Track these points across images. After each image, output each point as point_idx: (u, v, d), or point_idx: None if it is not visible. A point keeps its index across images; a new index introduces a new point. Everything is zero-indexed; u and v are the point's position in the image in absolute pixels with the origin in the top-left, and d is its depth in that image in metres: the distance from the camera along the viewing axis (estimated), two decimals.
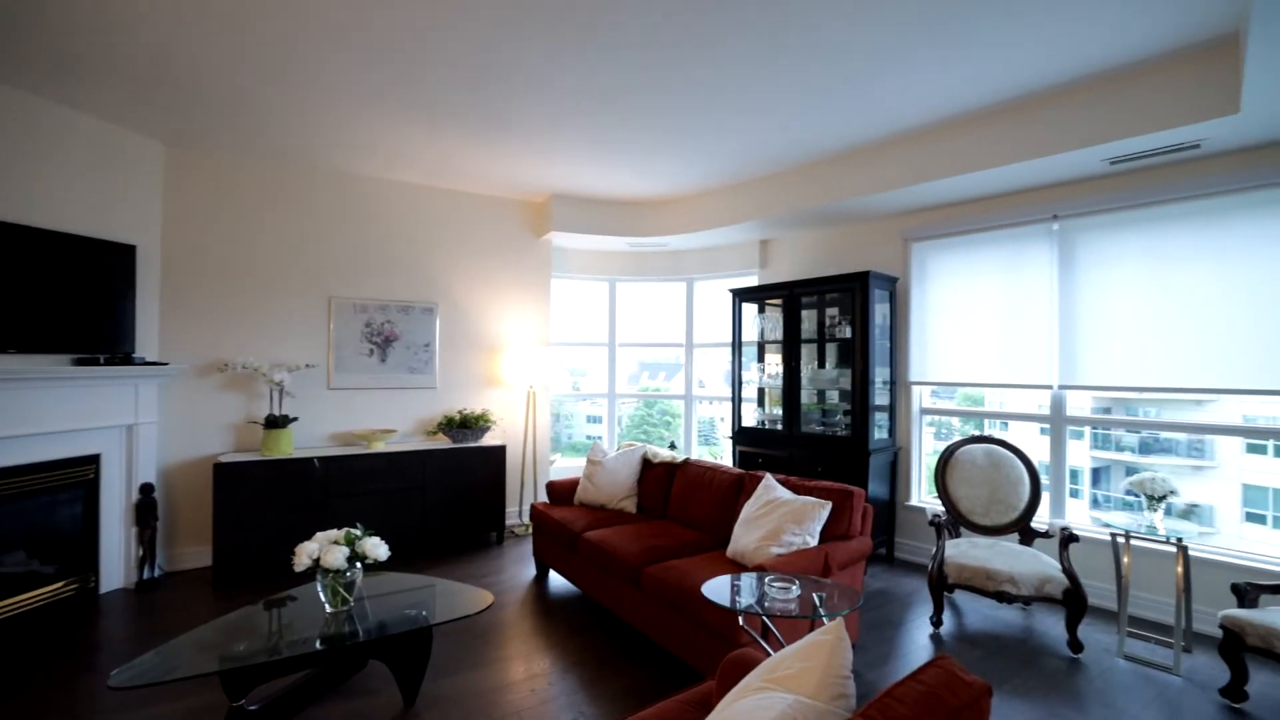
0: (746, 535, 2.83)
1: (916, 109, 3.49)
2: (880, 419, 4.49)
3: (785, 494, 2.88)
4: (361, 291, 4.77)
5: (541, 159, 4.42)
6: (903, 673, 2.82)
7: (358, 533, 2.49)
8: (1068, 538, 3.14)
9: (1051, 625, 3.36)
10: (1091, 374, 3.71)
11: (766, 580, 2.09)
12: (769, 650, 2.02)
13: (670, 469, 3.93)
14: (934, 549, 3.36)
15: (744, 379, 5.32)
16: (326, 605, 2.41)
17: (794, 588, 2.02)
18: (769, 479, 3.05)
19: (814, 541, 2.69)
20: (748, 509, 2.96)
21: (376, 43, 2.83)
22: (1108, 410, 4.90)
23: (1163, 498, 3.09)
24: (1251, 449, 5.40)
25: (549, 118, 3.67)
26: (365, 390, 4.75)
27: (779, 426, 4.80)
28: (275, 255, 4.45)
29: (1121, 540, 3.10)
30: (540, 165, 4.56)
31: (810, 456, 4.50)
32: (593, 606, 3.55)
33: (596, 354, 6.35)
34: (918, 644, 3.15)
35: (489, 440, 5.00)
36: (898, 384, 4.59)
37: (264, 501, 3.92)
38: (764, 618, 2.05)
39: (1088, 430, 4.73)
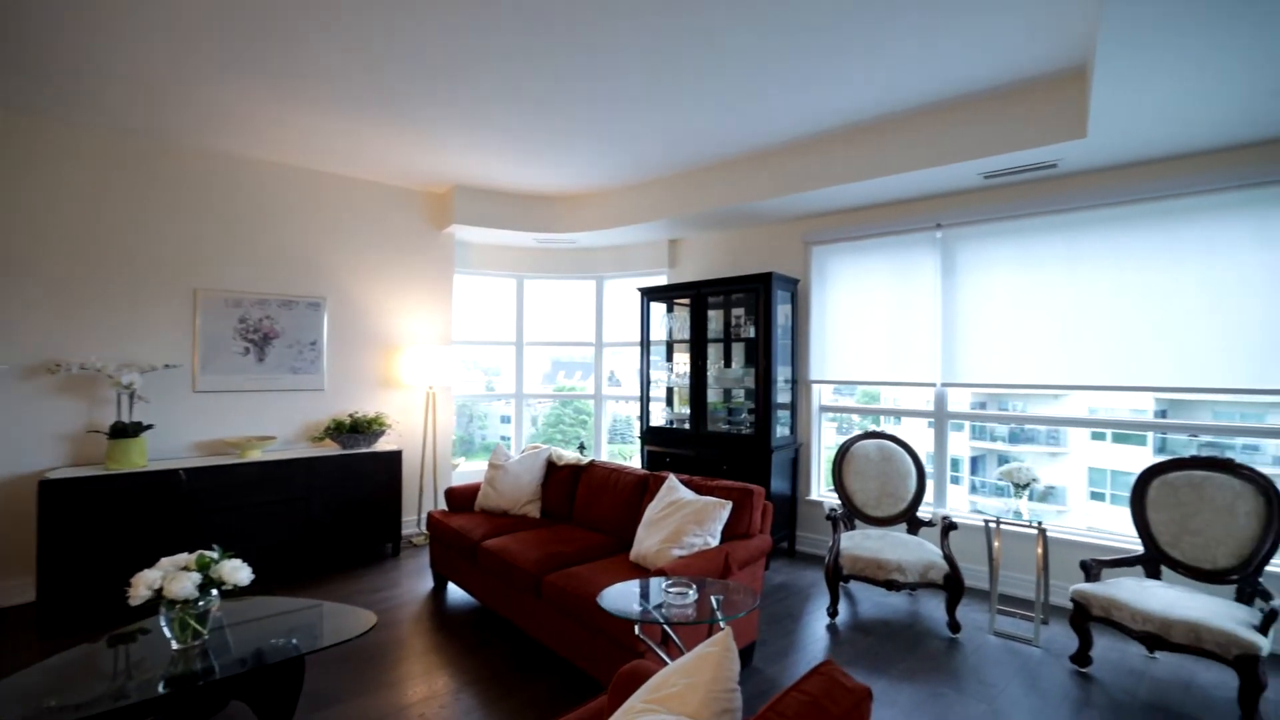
0: (648, 538, 2.79)
1: (813, 118, 3.60)
2: (783, 417, 4.62)
3: (687, 494, 2.87)
4: (235, 284, 4.30)
5: (443, 148, 4.18)
6: (801, 666, 2.90)
7: (214, 555, 2.20)
8: (948, 526, 3.36)
9: (934, 608, 3.57)
10: (969, 372, 4.00)
11: (664, 585, 2.05)
12: (666, 659, 1.98)
13: (575, 471, 3.84)
14: (832, 542, 3.48)
15: (653, 378, 5.31)
16: (173, 641, 2.11)
17: (691, 592, 1.99)
18: (672, 479, 3.03)
19: (715, 542, 2.69)
20: (650, 511, 2.93)
21: (247, 5, 2.52)
22: (984, 405, 5.39)
23: (1026, 485, 3.37)
24: (1095, 436, 6.12)
25: (451, 105, 3.46)
26: (239, 393, 4.29)
27: (687, 426, 4.83)
28: (129, 241, 3.91)
29: (993, 525, 3.35)
30: (442, 154, 4.31)
31: (716, 455, 4.55)
32: (493, 619, 3.39)
33: (508, 352, 6.13)
34: (815, 635, 3.25)
35: (384, 445, 4.67)
36: (799, 382, 4.75)
37: (109, 523, 3.42)
38: (664, 625, 2.00)
39: (967, 423, 5.15)
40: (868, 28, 2.65)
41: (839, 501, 3.92)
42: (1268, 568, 2.77)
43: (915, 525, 3.71)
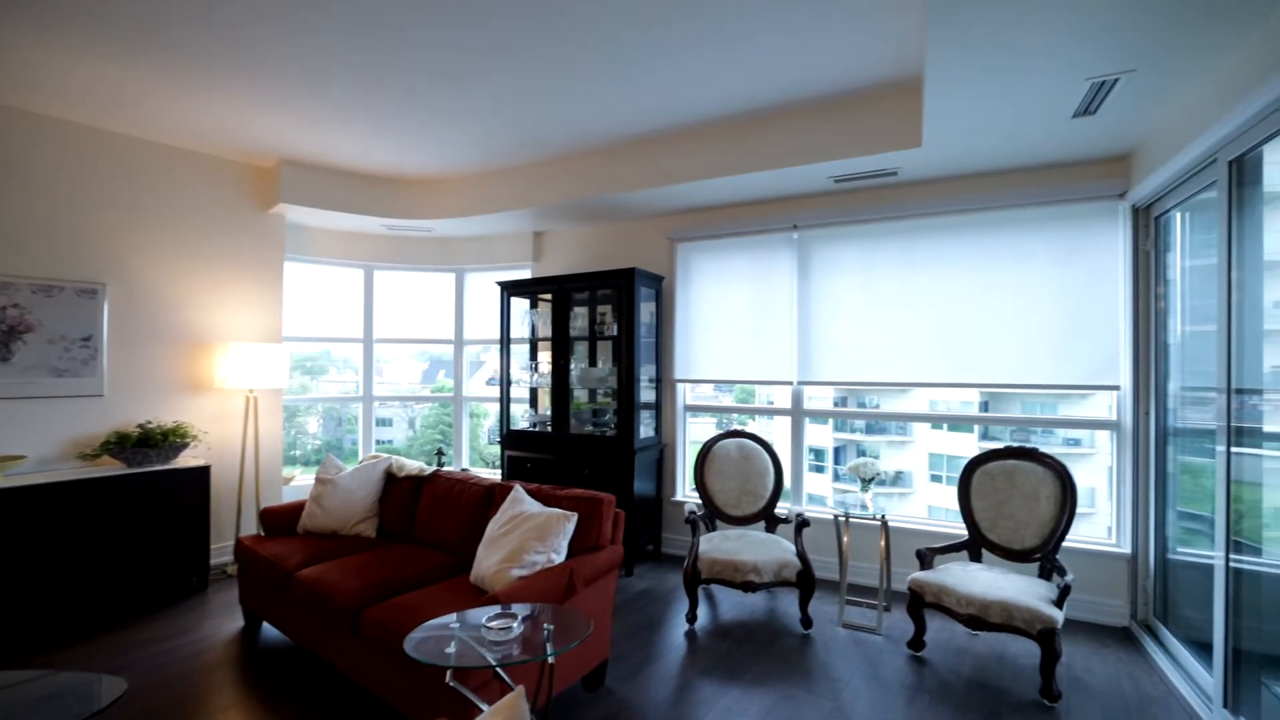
0: (488, 557, 2.51)
1: (676, 111, 3.50)
2: (648, 417, 4.52)
3: (532, 507, 2.62)
4: None
5: (269, 112, 3.58)
6: (657, 680, 2.75)
7: None
8: (801, 524, 3.40)
9: (790, 604, 3.62)
10: (823, 370, 4.12)
11: (484, 619, 1.79)
12: (482, 706, 1.72)
13: (417, 483, 3.44)
14: (691, 545, 3.40)
15: (516, 378, 5.00)
16: None
17: (515, 625, 1.75)
18: (517, 490, 2.77)
19: (560, 557, 2.47)
20: (492, 526, 2.65)
21: None
22: (846, 399, 5.73)
23: (872, 479, 3.51)
24: (934, 426, 6.80)
25: (279, 60, 2.92)
26: None
27: (550, 428, 4.57)
28: None
29: (841, 520, 3.45)
30: (267, 120, 3.70)
31: (579, 459, 4.35)
32: (311, 662, 2.92)
33: (386, 350, 5.49)
34: (673, 644, 3.14)
35: (187, 460, 3.94)
36: (664, 381, 4.67)
37: None
38: (494, 666, 1.74)
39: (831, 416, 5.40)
40: (717, 26, 2.56)
41: (700, 502, 3.87)
42: (1065, 544, 3.07)
43: (773, 523, 3.75)
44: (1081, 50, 2.25)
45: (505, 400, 4.85)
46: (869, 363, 3.98)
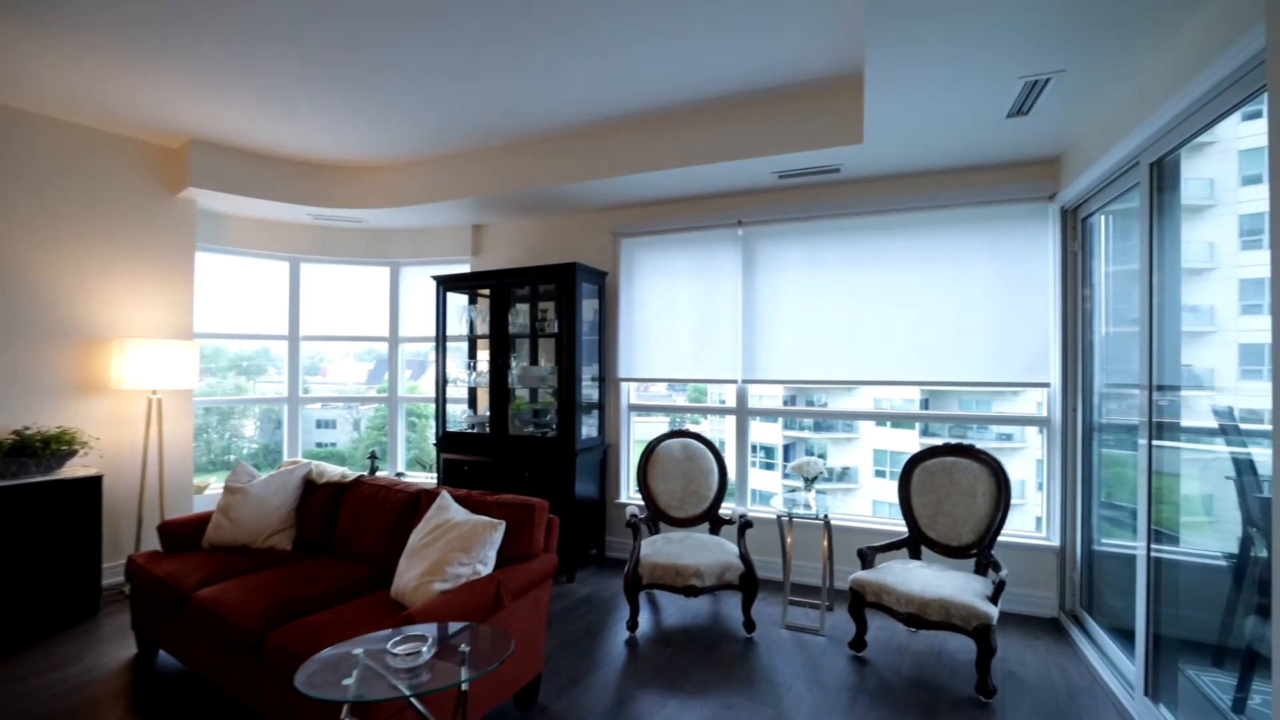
0: (409, 570, 2.32)
1: (620, 100, 3.39)
2: (590, 417, 4.39)
3: (458, 514, 2.44)
4: None
5: (177, 86, 3.26)
6: (595, 693, 2.59)
7: None
8: (744, 525, 3.34)
9: (734, 608, 3.56)
10: (768, 368, 4.08)
11: (390, 643, 1.62)
12: None
13: (338, 491, 3.19)
14: (632, 549, 3.28)
15: (453, 377, 4.77)
16: None
17: (425, 649, 1.58)
18: (444, 496, 2.58)
19: (487, 569, 2.30)
20: (415, 536, 2.45)
21: None
22: (794, 397, 5.77)
23: (815, 479, 3.48)
24: (879, 423, 6.96)
25: (187, 27, 2.63)
26: None
27: (488, 430, 4.37)
28: None
29: (785, 521, 3.41)
30: (174, 95, 3.37)
31: (520, 461, 4.17)
32: (209, 692, 2.65)
33: (328, 348, 5.12)
34: (613, 654, 3.01)
35: (74, 470, 3.55)
36: (607, 381, 4.54)
37: None
38: (409, 696, 1.57)
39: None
40: (659, 17, 2.45)
41: (643, 504, 3.76)
42: (1000, 538, 3.11)
43: (717, 524, 3.68)
44: (1016, 48, 2.25)
45: (441, 401, 4.61)
46: (813, 361, 3.96)
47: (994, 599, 2.67)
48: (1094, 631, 3.09)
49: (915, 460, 3.30)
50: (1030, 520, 3.80)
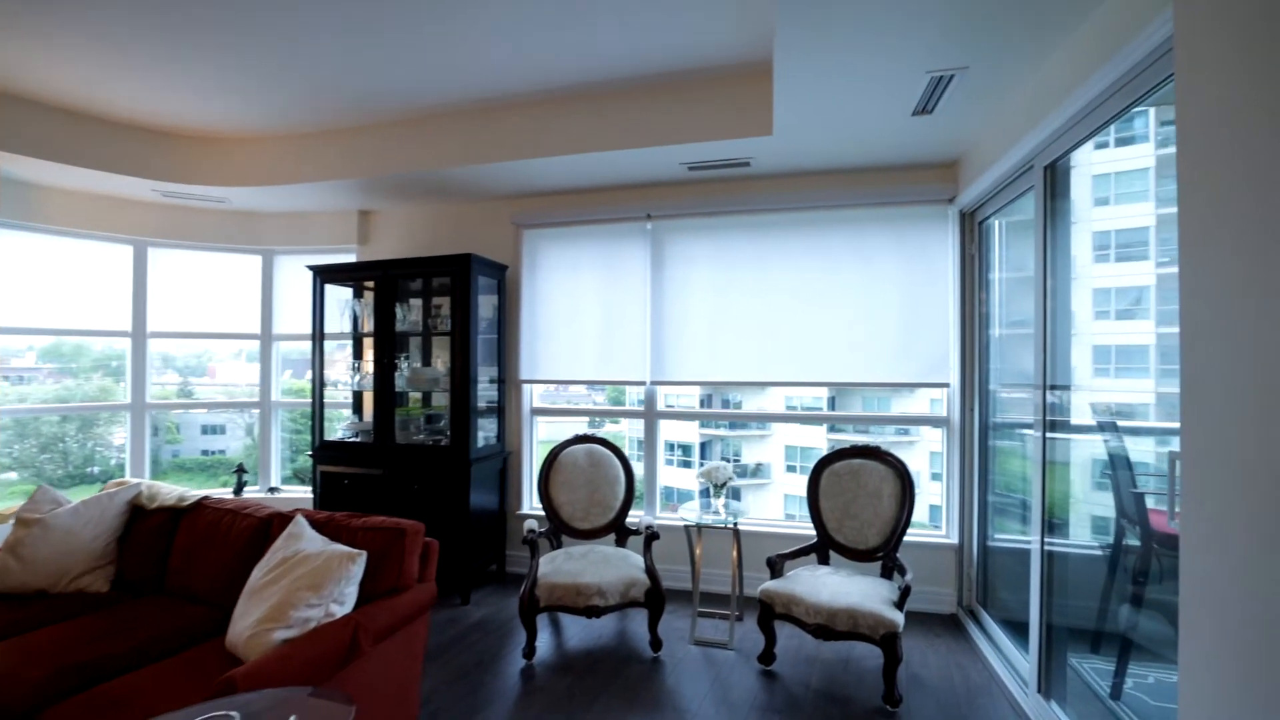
0: (245, 615, 1.92)
1: (519, 75, 3.08)
2: (489, 422, 4.04)
3: (312, 544, 2.06)
4: None
5: None
6: None
7: None
8: (650, 536, 3.14)
9: (641, 624, 3.35)
10: (677, 369, 3.91)
11: None
12: None
13: (174, 517, 2.69)
14: (529, 568, 2.99)
15: (336, 380, 4.27)
16: None
17: None
18: (298, 522, 2.19)
19: (344, 608, 1.95)
20: (257, 573, 2.05)
21: None
22: (710, 397, 5.70)
23: (724, 485, 3.34)
24: (790, 420, 7.08)
25: None
26: None
27: (373, 438, 3.92)
28: None
29: (693, 531, 3.24)
30: None
31: (408, 472, 3.76)
32: None
33: (221, 347, 4.39)
34: (507, 685, 2.72)
35: None
36: (508, 382, 4.21)
37: None
38: None
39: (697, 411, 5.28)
40: None
41: (545, 515, 3.48)
42: (905, 539, 3.09)
43: (624, 535, 3.46)
44: (924, 38, 2.18)
45: (318, 406, 4.10)
46: (723, 361, 3.83)
47: (900, 604, 2.62)
48: (989, 627, 3.15)
49: (823, 463, 3.24)
50: (925, 509, 3.89)
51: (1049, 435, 2.52)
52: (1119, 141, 3.18)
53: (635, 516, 3.91)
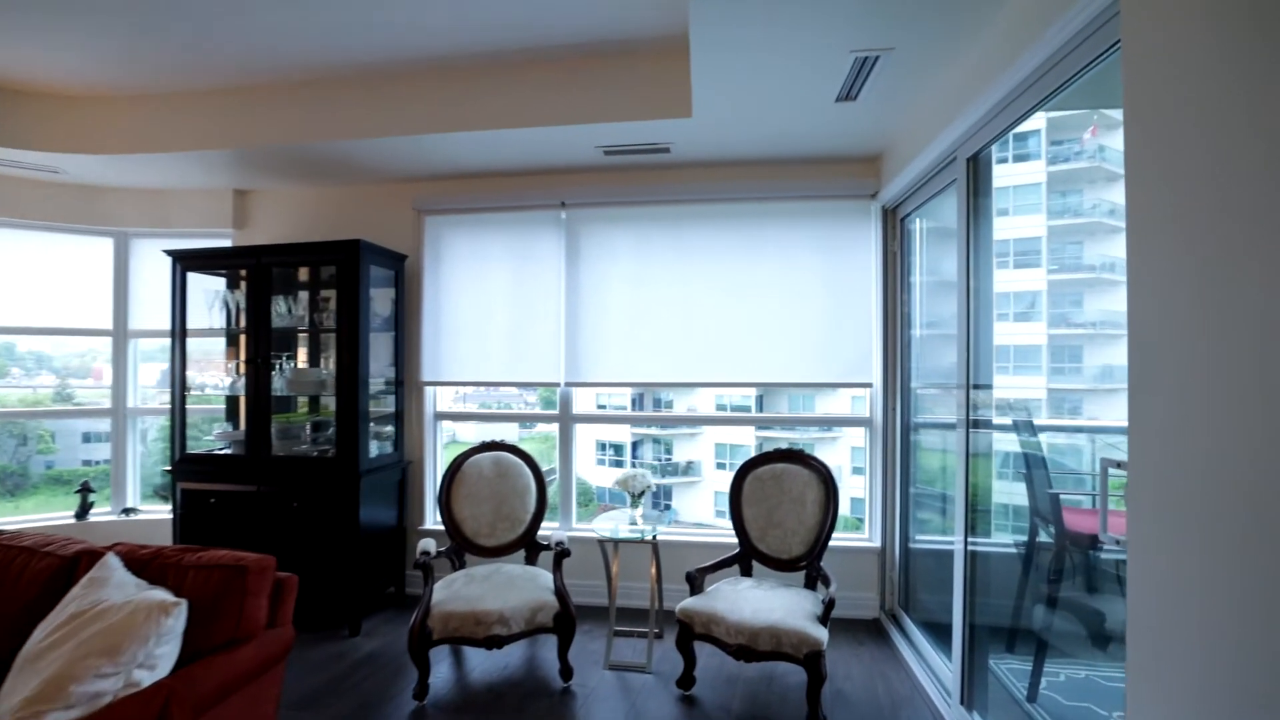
0: (11, 694, 1.49)
1: (420, 39, 2.71)
2: (386, 429, 3.63)
3: (118, 592, 1.65)
4: None
5: None
6: None
7: None
8: (560, 554, 2.85)
9: (553, 648, 3.06)
10: (594, 369, 3.64)
11: None
12: None
13: None
14: (423, 595, 2.64)
15: (204, 384, 3.71)
16: None
17: None
18: (107, 563, 1.76)
19: (155, 674, 1.54)
20: (39, 632, 1.61)
21: None
22: (641, 396, 5.50)
23: (642, 494, 3.11)
24: (713, 422, 7.02)
25: None
26: None
27: (245, 449, 3.41)
28: None
29: (609, 547, 2.99)
30: None
31: (287, 488, 3.29)
32: None
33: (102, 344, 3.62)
34: None
35: None
36: (408, 385, 3.80)
37: None
38: None
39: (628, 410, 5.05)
40: None
41: (447, 532, 3.12)
42: (830, 544, 2.96)
43: (535, 551, 3.16)
44: (849, 12, 2.02)
45: (179, 413, 3.53)
46: (642, 359, 3.60)
47: (824, 619, 2.47)
48: (911, 632, 3.08)
49: (746, 468, 3.07)
50: (848, 502, 3.86)
51: (973, 434, 2.44)
52: (1015, 158, 3.23)
53: (550, 529, 3.62)
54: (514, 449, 3.32)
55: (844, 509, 3.92)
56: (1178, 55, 1.09)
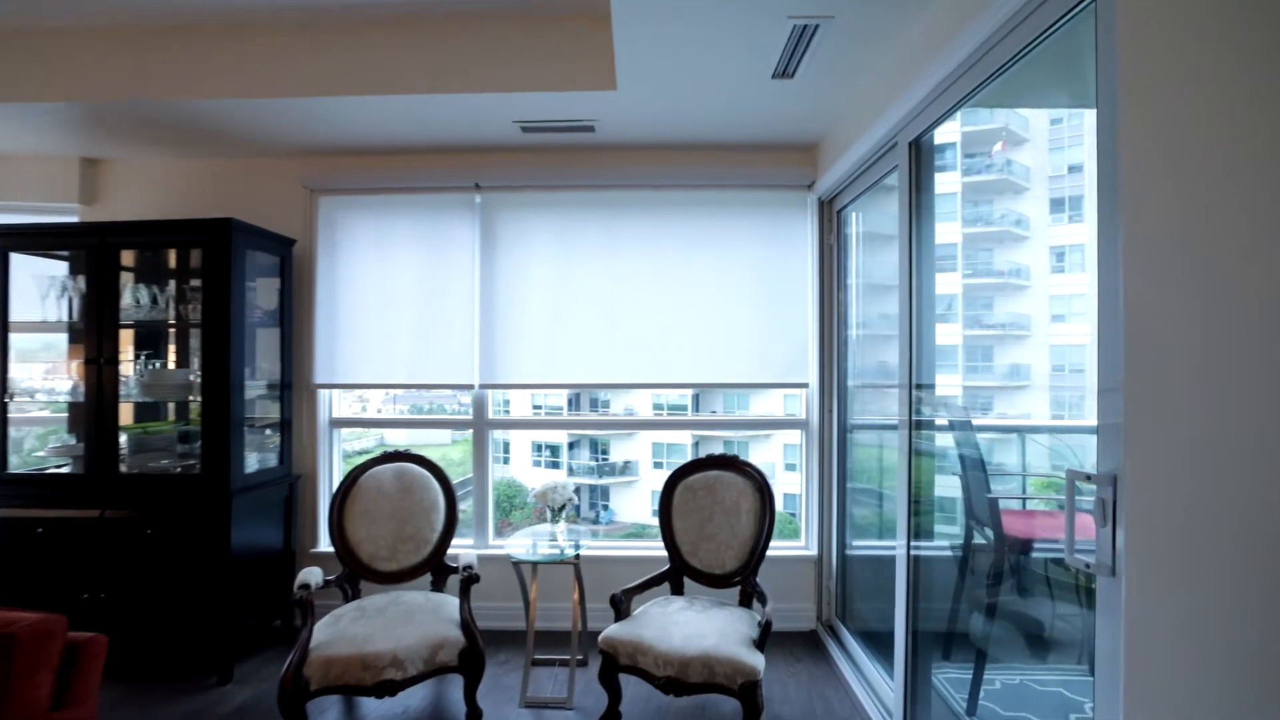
0: None
1: None
2: (270, 439, 3.15)
3: None
4: None
5: None
6: None
7: None
8: (468, 579, 2.51)
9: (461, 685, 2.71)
10: (514, 369, 3.30)
11: None
12: None
13: None
14: (301, 638, 2.22)
15: (24, 386, 3.10)
16: None
17: None
18: None
19: None
20: None
21: None
22: (578, 395, 5.19)
23: (563, 507, 2.81)
24: (645, 426, 6.83)
25: None
26: None
27: (86, 466, 2.85)
28: None
29: (527, 568, 2.67)
30: None
31: (140, 512, 2.77)
32: None
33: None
34: None
35: None
36: (297, 388, 3.33)
37: None
38: None
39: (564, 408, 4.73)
40: None
41: (339, 557, 2.71)
42: (767, 555, 2.77)
43: (443, 575, 2.79)
44: None
45: (0, 421, 2.93)
46: (566, 359, 3.29)
47: (761, 644, 2.25)
48: (850, 645, 2.94)
49: (676, 477, 2.83)
50: (781, 499, 3.76)
51: (915, 435, 2.29)
52: (935, 168, 3.22)
53: (463, 546, 3.26)
54: (420, 459, 2.94)
55: (779, 506, 3.80)
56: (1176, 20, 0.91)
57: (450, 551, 2.86)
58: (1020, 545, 2.46)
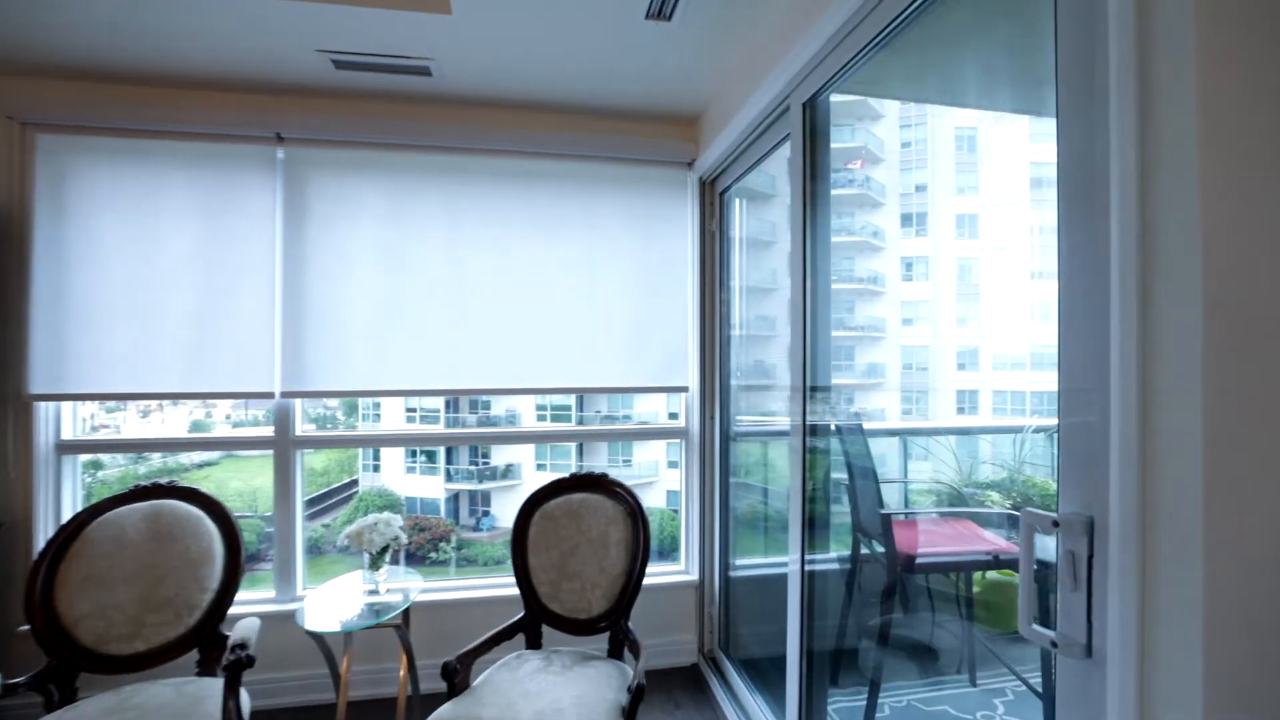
0: None
1: None
2: None
3: None
4: None
5: None
6: None
7: None
8: (237, 663, 1.82)
9: None
10: (327, 373, 2.61)
11: None
12: None
13: None
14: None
15: None
16: None
17: None
18: None
19: None
20: None
21: None
22: (455, 400, 4.50)
23: (384, 551, 2.19)
24: (540, 417, 6.41)
25: None
26: None
27: None
28: None
29: (330, 639, 2.03)
30: None
31: None
32: None
33: None
34: None
35: None
36: (7, 400, 2.40)
37: None
38: None
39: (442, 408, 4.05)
40: None
41: (43, 640, 1.89)
42: (643, 587, 2.34)
43: (216, 650, 2.06)
44: None
45: None
46: (399, 359, 2.66)
47: (631, 712, 1.81)
48: (734, 681, 2.60)
49: (532, 503, 2.33)
50: (663, 495, 3.47)
51: (810, 441, 1.97)
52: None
53: (260, 603, 2.52)
54: (190, 493, 2.18)
55: (659, 499, 3.52)
56: None
57: (233, 613, 2.14)
58: (913, 564, 2.25)
